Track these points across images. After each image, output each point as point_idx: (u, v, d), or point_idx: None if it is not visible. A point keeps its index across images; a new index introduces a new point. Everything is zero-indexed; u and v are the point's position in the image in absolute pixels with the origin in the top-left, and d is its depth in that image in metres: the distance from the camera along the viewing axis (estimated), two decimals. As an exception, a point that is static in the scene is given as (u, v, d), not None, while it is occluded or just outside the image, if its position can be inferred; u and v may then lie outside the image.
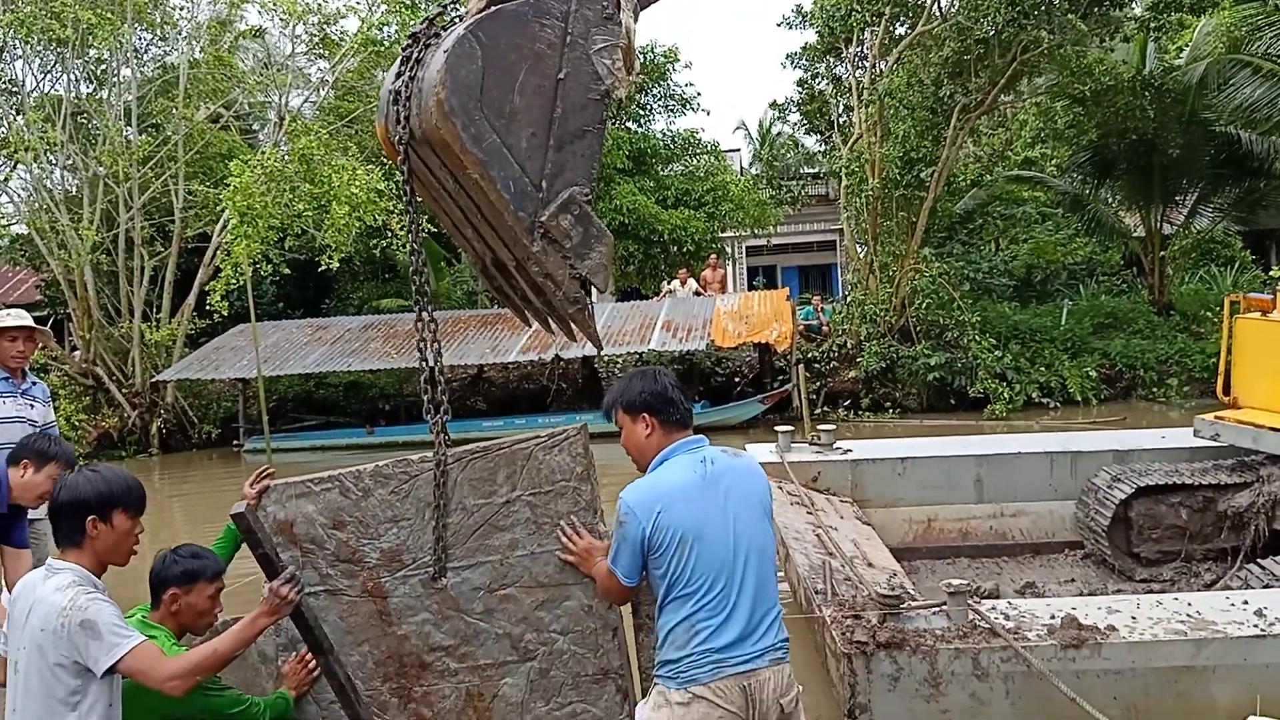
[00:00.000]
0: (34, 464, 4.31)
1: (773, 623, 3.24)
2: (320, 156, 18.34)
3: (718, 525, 3.19)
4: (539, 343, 18.85)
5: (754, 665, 3.16)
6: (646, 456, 3.39)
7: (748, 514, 3.27)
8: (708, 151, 27.28)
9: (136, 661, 2.93)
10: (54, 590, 2.97)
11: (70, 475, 3.15)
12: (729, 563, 3.17)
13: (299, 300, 26.58)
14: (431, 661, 3.67)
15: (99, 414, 20.62)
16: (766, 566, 3.27)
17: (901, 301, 20.24)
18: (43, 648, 2.94)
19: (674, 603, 3.20)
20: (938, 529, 8.21)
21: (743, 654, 3.14)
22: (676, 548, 3.16)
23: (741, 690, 3.13)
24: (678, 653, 3.18)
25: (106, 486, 3.11)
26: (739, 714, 3.13)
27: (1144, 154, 20.22)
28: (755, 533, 3.27)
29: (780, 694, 3.20)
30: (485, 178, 2.99)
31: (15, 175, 21.27)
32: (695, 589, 3.16)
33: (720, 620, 3.14)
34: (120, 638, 2.93)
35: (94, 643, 2.90)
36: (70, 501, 3.07)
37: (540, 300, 3.51)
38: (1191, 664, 4.79)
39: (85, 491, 3.08)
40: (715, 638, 3.13)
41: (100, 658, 2.90)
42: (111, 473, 3.19)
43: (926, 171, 19.53)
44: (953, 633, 4.88)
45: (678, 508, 3.18)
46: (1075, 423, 16.82)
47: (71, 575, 3.02)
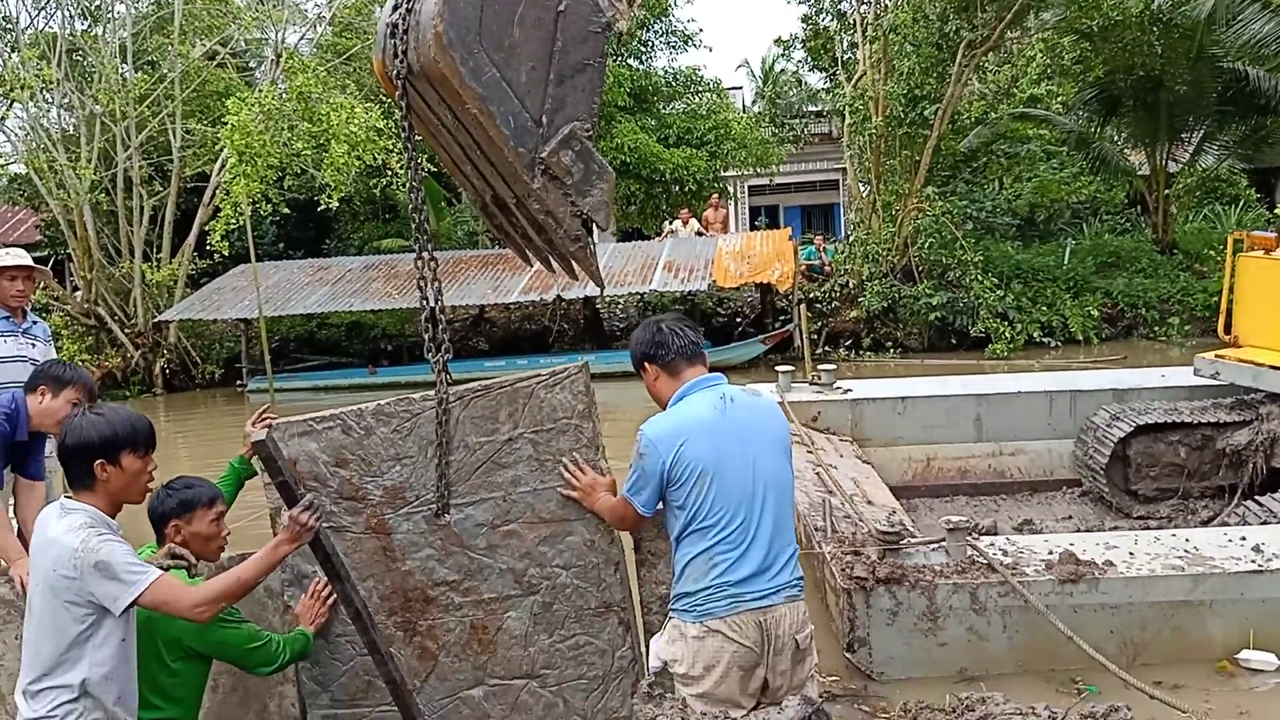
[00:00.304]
0: (51, 389, 4.31)
1: (789, 560, 3.27)
2: (318, 94, 18.14)
3: (737, 460, 3.21)
4: (540, 283, 18.81)
5: (770, 601, 3.19)
6: (663, 401, 3.43)
7: (767, 451, 3.30)
8: (710, 89, 26.98)
9: (158, 594, 2.95)
10: (66, 531, 2.98)
11: (74, 419, 3.12)
12: (748, 498, 3.20)
13: (300, 241, 26.48)
14: (436, 596, 3.72)
15: (102, 354, 20.65)
16: (784, 504, 3.30)
17: (904, 241, 20.15)
18: (55, 588, 2.97)
19: (692, 535, 3.23)
20: (937, 468, 8.27)
21: (759, 589, 3.18)
22: (696, 480, 3.18)
23: (757, 625, 3.17)
24: (695, 585, 3.21)
25: (110, 429, 3.08)
26: (754, 649, 3.17)
27: (1150, 90, 19.99)
28: (774, 470, 3.29)
29: (796, 630, 3.24)
30: (484, 113, 2.95)
31: (12, 114, 21.10)
32: (714, 522, 3.18)
33: (738, 554, 3.17)
34: (137, 574, 2.95)
35: (110, 582, 2.92)
36: (76, 445, 3.06)
37: (541, 239, 3.50)
38: (1188, 599, 4.86)
39: (89, 435, 3.06)
40: (733, 571, 3.16)
41: (120, 596, 2.92)
42: (116, 414, 3.16)
43: (931, 109, 19.34)
44: (951, 568, 4.95)
45: (699, 441, 3.20)
46: (1076, 362, 16.85)
47: (84, 516, 3.03)
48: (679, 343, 3.39)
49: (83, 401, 4.40)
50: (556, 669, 3.73)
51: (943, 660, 4.88)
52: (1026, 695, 2.87)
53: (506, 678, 3.74)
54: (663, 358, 3.40)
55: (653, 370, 3.43)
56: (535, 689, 3.74)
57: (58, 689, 2.97)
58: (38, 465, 4.78)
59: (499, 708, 3.76)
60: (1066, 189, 24.25)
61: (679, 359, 3.39)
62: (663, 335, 3.41)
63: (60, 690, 2.97)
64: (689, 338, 3.42)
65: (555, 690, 3.73)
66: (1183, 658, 4.84)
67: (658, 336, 3.41)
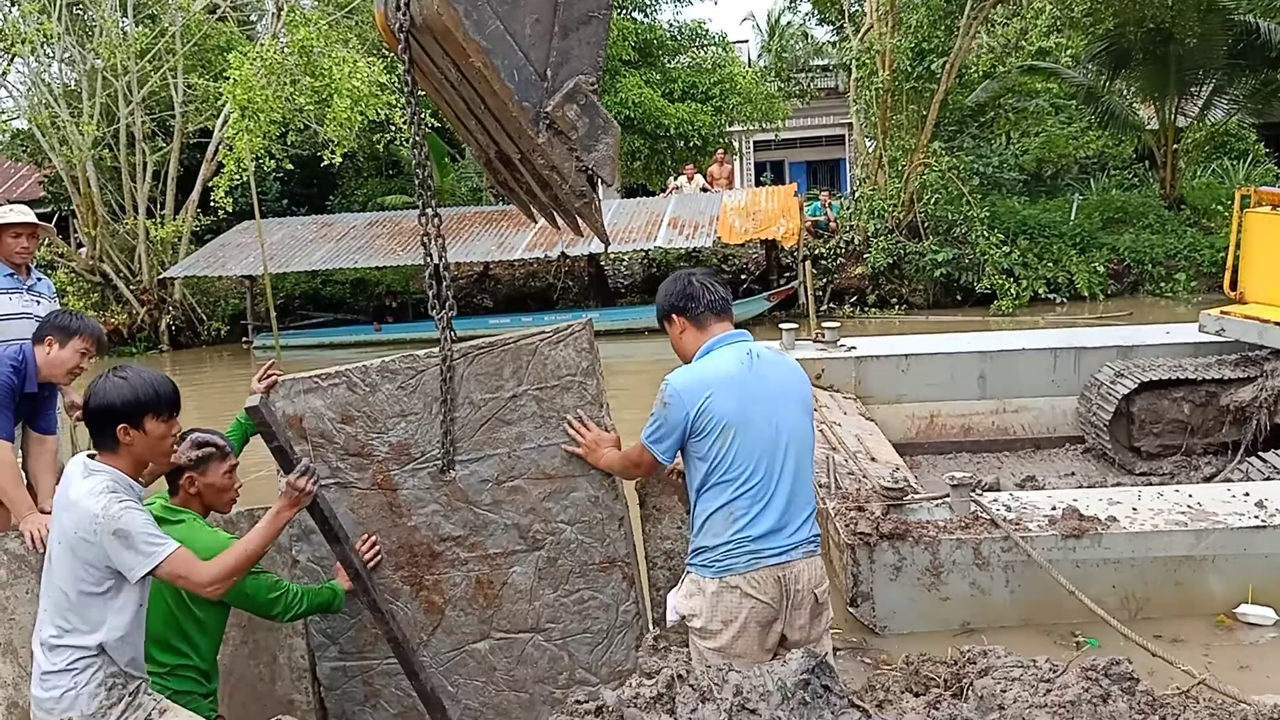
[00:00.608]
0: (58, 340, 4.31)
1: (808, 517, 3.29)
2: (320, 48, 18.01)
3: (761, 416, 3.21)
4: (545, 240, 18.76)
5: (789, 557, 3.20)
6: (688, 355, 3.41)
7: (790, 408, 3.30)
8: (715, 43, 26.68)
9: (174, 567, 2.99)
10: (88, 494, 2.99)
11: (99, 381, 3.09)
12: (769, 453, 3.20)
13: (303, 197, 26.40)
14: (441, 551, 3.76)
15: (108, 311, 20.68)
16: (805, 461, 3.31)
17: (910, 197, 20.05)
18: (75, 549, 3.00)
19: (714, 489, 3.23)
20: (940, 425, 8.28)
21: (778, 545, 3.19)
22: (720, 433, 3.18)
23: (776, 581, 3.19)
24: (715, 540, 3.22)
25: (133, 393, 3.06)
26: (772, 604, 3.19)
27: (1160, 43, 19.77)
28: (797, 427, 3.30)
29: (814, 585, 3.26)
30: (488, 66, 2.91)
31: (13, 69, 20.95)
32: (735, 476, 3.19)
33: (759, 508, 3.18)
34: (155, 546, 2.97)
35: (128, 552, 2.95)
36: (99, 409, 3.05)
37: (546, 194, 3.48)
38: (1191, 554, 4.89)
39: (113, 399, 3.04)
40: (753, 525, 3.17)
41: (136, 566, 2.96)
42: (139, 377, 3.13)
43: (938, 63, 19.15)
44: (955, 524, 4.98)
45: (724, 395, 3.19)
46: (1082, 318, 16.82)
47: (107, 479, 3.03)
48: (709, 297, 3.37)
49: (91, 351, 4.41)
50: (561, 623, 3.77)
51: (946, 615, 4.92)
52: (1027, 648, 2.91)
53: (512, 631, 3.79)
54: (692, 310, 3.37)
55: (680, 323, 3.40)
56: (540, 642, 3.79)
57: (76, 647, 3.03)
58: (49, 419, 4.80)
59: (504, 660, 3.80)
60: (1074, 144, 24.07)
61: (708, 313, 3.37)
62: (693, 288, 3.38)
63: (78, 649, 3.03)
64: (718, 293, 3.40)
65: (560, 644, 3.78)
66: (1184, 612, 4.88)
67: (688, 289, 3.38)
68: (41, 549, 3.90)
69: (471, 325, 16.92)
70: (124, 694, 3.06)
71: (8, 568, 3.95)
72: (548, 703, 3.76)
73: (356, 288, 22.95)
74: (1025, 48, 22.23)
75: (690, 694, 2.42)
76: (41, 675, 3.08)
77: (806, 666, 2.47)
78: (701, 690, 2.42)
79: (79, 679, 3.01)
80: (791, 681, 2.43)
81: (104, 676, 3.03)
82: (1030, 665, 2.55)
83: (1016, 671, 2.53)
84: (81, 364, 4.43)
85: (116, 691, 3.05)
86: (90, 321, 4.46)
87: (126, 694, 3.07)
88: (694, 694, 2.42)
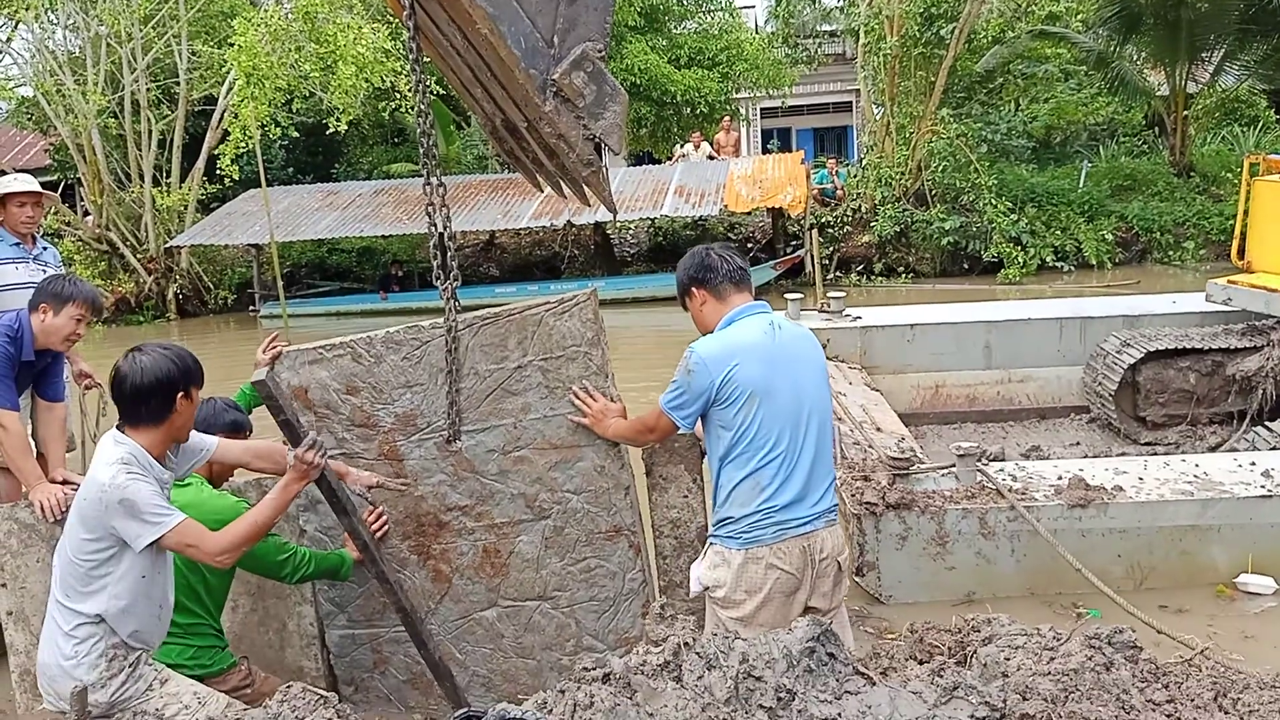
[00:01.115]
0: (52, 307, 4.32)
1: (829, 486, 3.32)
2: (324, 14, 17.89)
3: (785, 385, 3.23)
4: (551, 208, 18.69)
5: (813, 526, 3.24)
6: (709, 327, 3.41)
7: (812, 378, 3.33)
8: (722, 8, 26.48)
9: (182, 537, 3.05)
10: (104, 464, 3.06)
11: (142, 357, 3.14)
12: (793, 422, 3.22)
13: (309, 166, 26.32)
14: (449, 521, 3.78)
15: (115, 279, 20.70)
16: (826, 430, 3.33)
17: (917, 164, 19.94)
18: (85, 517, 3.07)
19: (739, 458, 3.25)
20: (945, 395, 8.28)
21: (802, 515, 3.22)
22: (745, 402, 3.20)
23: (802, 551, 3.22)
24: (741, 510, 3.23)
25: (183, 363, 3.16)
26: (796, 574, 3.22)
27: (1171, 8, 19.52)
28: (819, 397, 3.32)
29: (837, 553, 3.31)
30: (494, 33, 2.89)
31: (18, 36, 20.85)
32: (761, 445, 3.20)
33: (784, 478, 3.20)
34: (160, 516, 3.02)
35: (133, 521, 3.00)
36: (154, 382, 3.09)
37: (553, 163, 3.47)
38: (1196, 523, 4.90)
39: (171, 371, 3.11)
40: (778, 495, 3.19)
41: (142, 534, 3.01)
42: (174, 351, 3.20)
43: (947, 28, 18.98)
44: (961, 494, 4.99)
45: (750, 364, 3.21)
46: (1089, 287, 16.75)
47: (125, 451, 3.09)
48: (727, 267, 3.38)
49: (87, 316, 4.42)
50: (568, 591, 3.80)
51: (951, 584, 4.95)
52: (1028, 617, 2.92)
53: (519, 599, 3.82)
54: (711, 281, 3.38)
55: (700, 295, 3.41)
56: (547, 610, 3.82)
57: (79, 613, 3.09)
58: (55, 387, 4.82)
59: (512, 628, 3.84)
60: (1084, 110, 23.88)
61: (727, 283, 3.38)
62: (711, 259, 3.40)
63: (80, 616, 3.09)
64: (736, 264, 3.42)
65: (567, 611, 3.81)
66: (1189, 582, 4.90)
67: (707, 260, 3.40)
68: (52, 519, 3.94)
69: (477, 294, 16.92)
70: (124, 665, 3.12)
71: (19, 537, 3.99)
72: (555, 669, 3.80)
73: (362, 256, 22.93)
74: (1035, 12, 22.03)
75: (697, 661, 2.45)
76: (47, 640, 3.16)
77: (812, 634, 2.49)
78: (708, 658, 2.45)
79: (80, 648, 3.08)
80: (797, 649, 2.45)
81: (105, 647, 3.09)
82: (1034, 633, 2.57)
83: (1020, 640, 2.55)
84: (77, 330, 4.42)
85: (117, 663, 3.11)
86: (84, 286, 4.44)
87: (127, 665, 3.13)
88: (700, 661, 2.45)
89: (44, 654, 3.16)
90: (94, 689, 3.06)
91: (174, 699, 3.17)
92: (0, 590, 4.04)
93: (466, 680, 3.86)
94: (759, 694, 2.35)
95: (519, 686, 3.83)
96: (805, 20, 30.30)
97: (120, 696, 3.11)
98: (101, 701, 3.08)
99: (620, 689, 2.39)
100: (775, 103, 29.62)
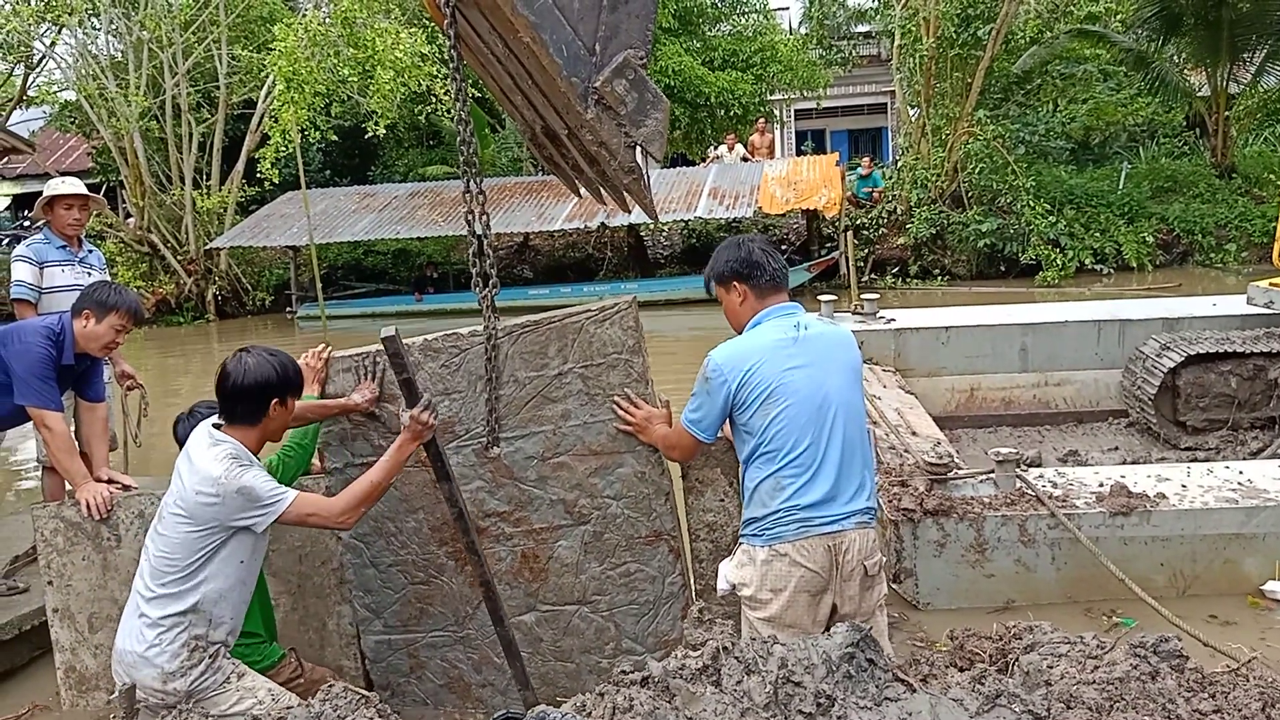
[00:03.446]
0: (95, 314, 4.39)
1: (861, 486, 3.25)
2: (363, 19, 18.05)
3: (806, 385, 3.19)
4: (585, 210, 18.73)
5: (840, 526, 3.17)
6: (742, 323, 3.38)
7: (838, 377, 3.26)
8: (756, 10, 26.41)
9: (302, 509, 3.22)
10: (213, 459, 3.19)
11: (248, 358, 3.29)
12: (816, 422, 3.18)
13: (345, 168, 26.55)
14: (487, 526, 3.80)
15: (156, 281, 20.99)
16: (855, 430, 3.26)
17: (954, 166, 19.80)
18: (192, 511, 3.19)
19: (760, 459, 3.23)
20: (980, 398, 8.21)
21: (829, 515, 3.17)
22: (764, 403, 3.18)
23: (826, 550, 3.16)
24: (763, 510, 3.21)
25: (284, 371, 3.30)
26: (820, 574, 3.17)
27: (1213, 7, 19.29)
28: (845, 396, 3.25)
29: (865, 556, 3.22)
30: (537, 41, 2.89)
31: (61, 40, 21.18)
32: (781, 446, 3.17)
33: (807, 478, 3.16)
34: (277, 495, 3.19)
35: (253, 505, 3.16)
36: (254, 384, 3.25)
37: (593, 170, 3.47)
38: (1241, 531, 4.83)
39: (271, 376, 3.27)
40: (801, 494, 3.16)
41: (266, 514, 3.18)
42: (281, 358, 3.35)
43: (984, 29, 18.85)
44: (1000, 500, 4.94)
45: (768, 365, 3.19)
46: (1129, 290, 16.56)
47: (230, 447, 3.23)
48: (773, 267, 3.34)
49: (128, 326, 4.49)
50: (607, 595, 3.81)
51: (989, 591, 4.90)
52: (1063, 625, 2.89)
53: (558, 604, 3.84)
54: (756, 279, 3.33)
55: (740, 290, 3.35)
56: (586, 614, 3.83)
57: (172, 603, 3.20)
58: (97, 388, 4.89)
59: (551, 632, 3.85)
60: (1123, 111, 23.60)
61: (770, 284, 3.34)
62: (757, 256, 3.34)
63: (172, 605, 3.20)
64: (779, 264, 3.38)
65: (606, 615, 3.82)
66: (1233, 590, 4.82)
67: (752, 256, 3.34)
68: (98, 517, 4.00)
69: (511, 296, 16.98)
70: (204, 656, 3.22)
71: (65, 535, 4.06)
72: (594, 672, 3.81)
73: (398, 258, 23.08)
74: (1073, 12, 21.82)
75: (735, 666, 2.45)
76: (127, 630, 3.27)
77: (852, 640, 2.48)
78: (747, 662, 2.45)
79: (164, 637, 3.19)
80: (836, 654, 2.44)
81: (188, 638, 3.20)
82: (1077, 641, 2.55)
83: (1063, 648, 2.53)
84: (117, 339, 4.49)
85: (198, 654, 3.21)
86: (127, 296, 4.50)
87: (206, 657, 3.22)
88: (739, 666, 2.45)
89: (123, 642, 3.27)
90: (173, 677, 3.18)
91: (249, 693, 3.26)
92: (47, 588, 4.11)
93: (505, 684, 3.88)
94: (798, 699, 2.34)
95: (557, 690, 3.84)
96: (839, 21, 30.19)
97: (199, 686, 3.20)
98: (180, 690, 3.18)
99: (659, 692, 2.39)
100: (809, 104, 29.54)
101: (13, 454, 9.49)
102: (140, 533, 4.02)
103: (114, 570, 4.06)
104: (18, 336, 4.41)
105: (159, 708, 3.19)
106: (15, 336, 4.42)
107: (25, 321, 4.67)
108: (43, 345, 4.36)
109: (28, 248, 5.62)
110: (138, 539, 4.02)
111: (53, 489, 5.26)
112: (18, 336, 4.41)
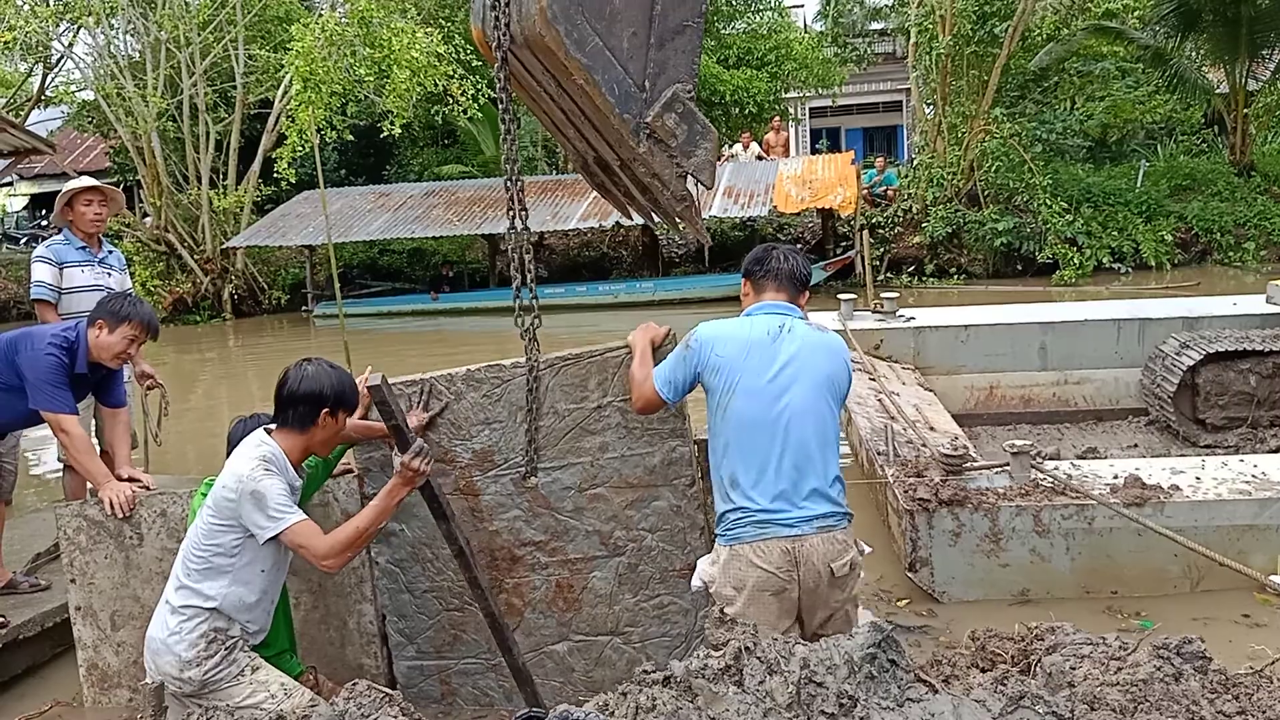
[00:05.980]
0: (108, 325, 4.40)
1: (821, 493, 3.22)
2: (379, 19, 18.10)
3: (767, 387, 3.22)
4: (599, 209, 18.73)
5: (800, 531, 3.17)
6: None
7: (806, 383, 3.25)
8: (771, 8, 26.41)
9: (296, 536, 3.20)
10: (246, 457, 3.24)
11: (308, 366, 3.33)
12: (769, 424, 3.20)
13: (361, 167, 26.62)
14: (522, 555, 3.83)
15: (173, 280, 21.10)
16: (811, 439, 3.23)
17: (970, 164, 19.73)
18: (218, 504, 3.24)
19: (719, 452, 3.30)
20: (999, 396, 8.21)
21: (787, 518, 3.17)
22: (721, 392, 3.26)
23: (784, 552, 3.16)
24: (724, 505, 3.27)
25: (340, 385, 3.33)
26: (778, 574, 3.16)
27: (1232, 4, 19.17)
28: (808, 403, 3.24)
29: (830, 559, 3.19)
30: (590, 82, 2.96)
31: (80, 40, 21.33)
32: (734, 439, 3.23)
33: (754, 476, 3.19)
34: (283, 514, 3.19)
35: (259, 513, 3.17)
36: (313, 392, 3.28)
37: (645, 197, 3.51)
38: (1254, 523, 4.82)
39: (326, 386, 3.30)
40: (752, 492, 3.19)
41: (266, 527, 3.18)
42: (346, 374, 3.39)
43: (1001, 26, 18.77)
44: (1015, 491, 4.95)
45: (733, 357, 3.26)
46: (1147, 288, 16.47)
47: (268, 450, 3.27)
48: (775, 264, 3.44)
49: (141, 337, 4.50)
50: (640, 626, 3.83)
51: (1004, 581, 4.91)
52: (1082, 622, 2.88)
53: (591, 634, 3.86)
54: (755, 274, 3.47)
55: (745, 285, 3.53)
56: (619, 645, 3.85)
57: (193, 593, 3.25)
58: (116, 394, 4.92)
59: (583, 662, 3.87)
60: (1141, 109, 23.50)
61: (767, 278, 3.44)
62: (765, 254, 3.49)
63: (193, 595, 3.25)
64: (787, 264, 3.44)
65: (639, 646, 3.83)
66: (1248, 584, 4.79)
67: (760, 254, 3.50)
68: (120, 515, 4.03)
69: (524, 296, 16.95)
70: (221, 648, 3.25)
71: (87, 533, 4.09)
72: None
73: (413, 257, 23.14)
74: (1091, 9, 21.71)
75: (758, 666, 2.45)
76: (157, 617, 3.33)
77: (873, 640, 2.48)
78: (769, 663, 2.44)
79: (184, 625, 3.24)
80: (858, 655, 2.44)
81: (207, 629, 3.24)
82: (1100, 642, 2.54)
83: (1086, 649, 2.52)
84: (129, 350, 4.51)
85: (215, 645, 3.24)
86: (143, 308, 4.49)
87: (223, 649, 3.26)
88: (761, 666, 2.44)
89: (153, 628, 3.32)
90: (189, 665, 3.21)
91: (262, 686, 3.28)
92: (69, 586, 4.14)
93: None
94: (820, 700, 2.34)
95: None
96: (854, 19, 30.13)
97: (213, 676, 3.23)
98: (194, 679, 3.22)
99: (681, 692, 2.39)
100: (824, 102, 29.52)
101: (33, 453, 9.55)
102: (162, 531, 4.05)
103: (136, 568, 4.08)
104: (30, 343, 4.42)
105: (178, 695, 3.24)
106: (28, 343, 4.43)
107: (38, 327, 4.68)
108: (53, 352, 4.37)
109: (47, 248, 5.63)
110: (159, 537, 4.05)
111: (74, 488, 5.28)
112: (30, 343, 4.42)
